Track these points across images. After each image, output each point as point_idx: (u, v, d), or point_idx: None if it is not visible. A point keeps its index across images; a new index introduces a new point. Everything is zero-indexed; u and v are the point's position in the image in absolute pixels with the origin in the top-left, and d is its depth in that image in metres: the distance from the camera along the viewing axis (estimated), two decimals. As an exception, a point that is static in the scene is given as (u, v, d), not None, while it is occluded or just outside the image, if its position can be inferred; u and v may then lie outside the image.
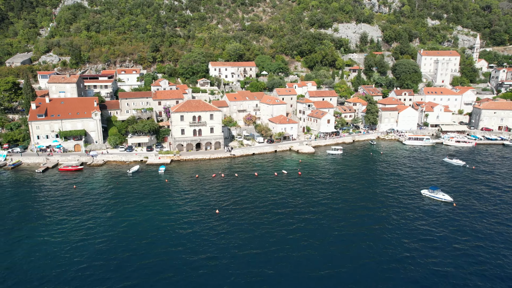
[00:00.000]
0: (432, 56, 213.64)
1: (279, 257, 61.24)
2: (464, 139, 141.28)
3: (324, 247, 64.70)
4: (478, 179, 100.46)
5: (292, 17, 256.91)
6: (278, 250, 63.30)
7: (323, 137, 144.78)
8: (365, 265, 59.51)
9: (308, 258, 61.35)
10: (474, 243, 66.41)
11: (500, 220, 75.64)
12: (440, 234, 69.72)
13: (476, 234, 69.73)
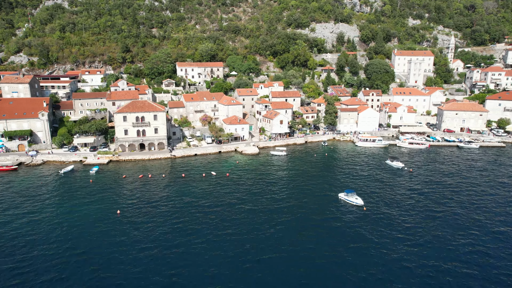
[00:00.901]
0: (406, 56, 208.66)
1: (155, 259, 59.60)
2: (417, 141, 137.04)
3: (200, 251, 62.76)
4: (406, 182, 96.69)
5: (270, 17, 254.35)
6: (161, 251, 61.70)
7: (275, 138, 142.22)
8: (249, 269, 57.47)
9: (198, 258, 59.51)
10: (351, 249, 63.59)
11: (400, 228, 72.25)
12: (331, 239, 67.07)
13: (370, 238, 66.83)
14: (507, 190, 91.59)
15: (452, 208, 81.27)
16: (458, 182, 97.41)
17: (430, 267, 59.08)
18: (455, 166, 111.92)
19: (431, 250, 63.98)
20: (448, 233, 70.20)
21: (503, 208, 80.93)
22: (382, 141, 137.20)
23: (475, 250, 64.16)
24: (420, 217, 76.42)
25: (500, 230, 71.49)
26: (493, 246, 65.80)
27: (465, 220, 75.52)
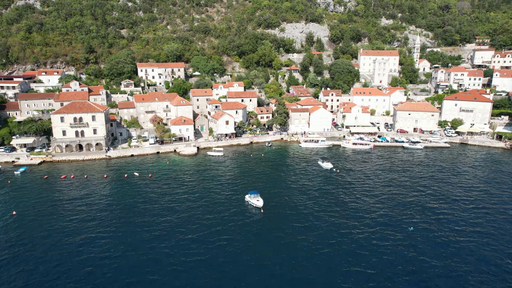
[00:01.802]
0: (371, 56, 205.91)
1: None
2: (361, 142, 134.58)
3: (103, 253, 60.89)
4: (324, 184, 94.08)
5: (242, 17, 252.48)
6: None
7: (220, 138, 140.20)
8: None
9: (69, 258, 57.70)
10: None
11: (289, 230, 69.96)
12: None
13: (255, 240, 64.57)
14: (417, 190, 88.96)
15: (349, 209, 78.88)
16: (376, 183, 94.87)
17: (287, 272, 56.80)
18: (384, 167, 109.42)
19: (299, 251, 61.75)
20: (333, 234, 67.92)
21: (405, 208, 78.56)
22: (325, 141, 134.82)
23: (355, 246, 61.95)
24: (313, 220, 74.10)
25: (399, 227, 69.22)
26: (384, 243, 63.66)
27: (351, 220, 73.15)
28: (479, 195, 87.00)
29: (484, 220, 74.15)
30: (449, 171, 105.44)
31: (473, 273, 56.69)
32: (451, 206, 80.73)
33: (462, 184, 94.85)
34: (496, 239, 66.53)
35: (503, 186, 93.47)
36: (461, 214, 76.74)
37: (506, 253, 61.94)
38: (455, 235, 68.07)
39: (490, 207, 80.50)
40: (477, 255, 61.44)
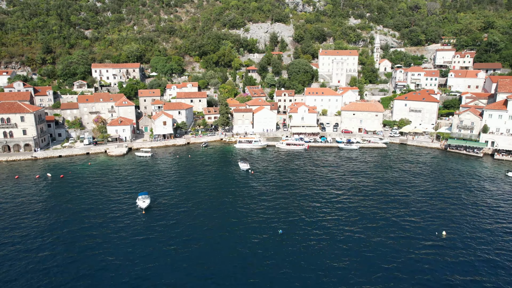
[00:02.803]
0: (330, 56, 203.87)
1: None
2: (295, 142, 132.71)
3: None
4: (226, 185, 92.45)
5: (208, 18, 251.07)
6: None
7: (157, 139, 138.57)
8: None
9: None
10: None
11: (172, 231, 68.28)
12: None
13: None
14: (312, 189, 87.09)
15: (237, 209, 77.30)
16: (289, 183, 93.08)
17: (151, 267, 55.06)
18: (301, 167, 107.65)
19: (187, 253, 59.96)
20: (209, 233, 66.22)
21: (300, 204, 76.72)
22: (259, 142, 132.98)
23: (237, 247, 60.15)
24: (198, 219, 72.55)
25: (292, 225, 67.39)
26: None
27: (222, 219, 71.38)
28: (368, 195, 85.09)
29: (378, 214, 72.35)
30: (362, 171, 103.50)
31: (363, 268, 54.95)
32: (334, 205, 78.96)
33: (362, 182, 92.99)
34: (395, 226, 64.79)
35: (400, 185, 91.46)
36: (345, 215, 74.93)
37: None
38: (340, 233, 66.29)
39: (376, 204, 78.65)
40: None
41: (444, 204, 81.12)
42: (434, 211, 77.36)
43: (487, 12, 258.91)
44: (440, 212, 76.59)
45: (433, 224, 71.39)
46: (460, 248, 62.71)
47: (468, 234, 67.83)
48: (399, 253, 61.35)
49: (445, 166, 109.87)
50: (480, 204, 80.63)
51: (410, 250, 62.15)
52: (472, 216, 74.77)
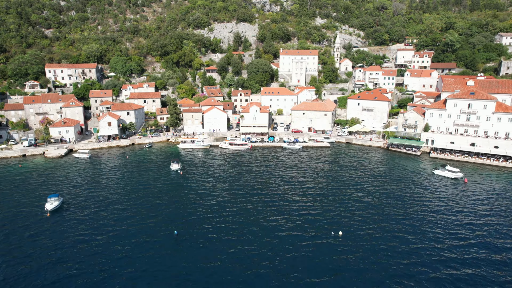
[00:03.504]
0: (291, 56, 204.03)
1: None
2: (238, 142, 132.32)
3: None
4: (154, 185, 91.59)
5: (174, 17, 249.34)
6: None
7: (101, 140, 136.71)
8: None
9: None
10: None
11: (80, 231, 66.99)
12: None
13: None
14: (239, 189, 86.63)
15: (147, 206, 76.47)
16: (214, 183, 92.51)
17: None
18: (236, 166, 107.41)
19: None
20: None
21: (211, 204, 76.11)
22: (202, 142, 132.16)
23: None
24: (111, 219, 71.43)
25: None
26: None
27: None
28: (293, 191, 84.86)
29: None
30: (290, 168, 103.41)
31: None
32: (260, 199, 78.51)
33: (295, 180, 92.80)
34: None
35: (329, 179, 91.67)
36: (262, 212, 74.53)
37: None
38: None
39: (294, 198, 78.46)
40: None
41: (337, 202, 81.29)
42: (329, 210, 77.20)
43: (450, 13, 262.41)
44: (333, 212, 76.53)
45: (330, 224, 71.11)
46: (354, 247, 62.63)
47: (361, 233, 67.84)
48: (291, 248, 60.98)
49: (376, 164, 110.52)
50: (384, 203, 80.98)
51: (310, 249, 61.81)
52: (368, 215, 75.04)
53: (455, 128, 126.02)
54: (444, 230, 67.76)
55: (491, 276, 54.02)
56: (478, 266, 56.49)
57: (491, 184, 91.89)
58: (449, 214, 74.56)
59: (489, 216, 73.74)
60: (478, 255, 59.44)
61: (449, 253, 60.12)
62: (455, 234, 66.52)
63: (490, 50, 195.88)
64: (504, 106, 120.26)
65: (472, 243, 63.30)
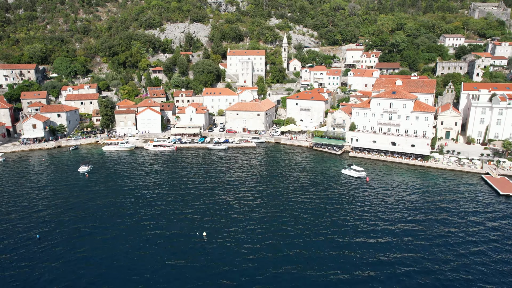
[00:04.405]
0: (238, 56, 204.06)
1: None
2: (162, 144, 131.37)
3: None
4: (51, 188, 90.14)
5: (126, 17, 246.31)
6: None
7: (25, 142, 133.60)
8: None
9: None
10: None
11: None
12: None
13: None
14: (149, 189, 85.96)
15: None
16: (120, 184, 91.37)
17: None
18: (150, 168, 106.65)
19: None
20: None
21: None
22: (126, 144, 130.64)
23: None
24: None
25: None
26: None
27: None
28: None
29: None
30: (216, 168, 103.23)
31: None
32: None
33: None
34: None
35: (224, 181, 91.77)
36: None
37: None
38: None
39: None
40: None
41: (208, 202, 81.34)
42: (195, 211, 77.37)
43: (403, 14, 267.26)
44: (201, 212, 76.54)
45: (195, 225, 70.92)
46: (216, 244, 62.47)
47: (225, 233, 67.97)
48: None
49: (291, 163, 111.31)
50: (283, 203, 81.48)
51: (172, 251, 61.46)
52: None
53: (379, 127, 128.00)
54: (331, 230, 68.59)
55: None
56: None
57: (391, 183, 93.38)
58: (332, 209, 75.49)
59: (366, 212, 75.03)
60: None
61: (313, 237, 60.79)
62: (338, 228, 67.38)
63: (432, 51, 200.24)
64: (422, 105, 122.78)
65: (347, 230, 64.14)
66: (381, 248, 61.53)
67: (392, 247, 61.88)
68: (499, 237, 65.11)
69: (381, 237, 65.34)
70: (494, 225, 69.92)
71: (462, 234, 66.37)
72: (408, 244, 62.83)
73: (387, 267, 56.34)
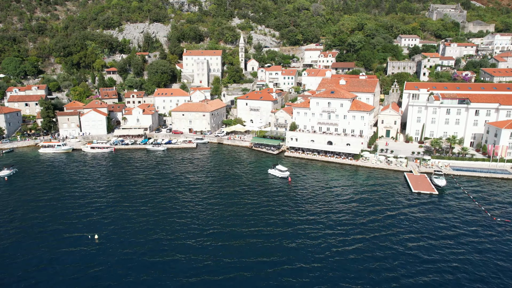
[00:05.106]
0: (194, 56, 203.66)
1: None
2: (100, 145, 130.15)
3: None
4: None
5: (85, 17, 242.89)
6: None
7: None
8: None
9: None
10: None
11: None
12: None
13: None
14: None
15: None
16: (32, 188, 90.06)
17: None
18: (77, 169, 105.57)
19: None
20: None
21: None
22: (63, 146, 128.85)
23: None
24: None
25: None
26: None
27: None
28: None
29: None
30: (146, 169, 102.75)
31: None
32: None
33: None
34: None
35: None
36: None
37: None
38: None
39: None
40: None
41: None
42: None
43: (365, 15, 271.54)
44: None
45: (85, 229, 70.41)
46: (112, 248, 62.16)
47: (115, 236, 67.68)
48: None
49: (225, 163, 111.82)
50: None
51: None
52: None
53: (319, 126, 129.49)
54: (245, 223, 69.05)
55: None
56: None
57: (313, 182, 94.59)
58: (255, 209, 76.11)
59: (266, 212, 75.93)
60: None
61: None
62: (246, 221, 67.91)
63: (387, 51, 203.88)
64: (359, 104, 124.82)
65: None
66: (272, 248, 62.22)
67: (283, 244, 62.64)
68: (394, 230, 66.82)
69: (274, 235, 66.07)
70: (390, 222, 71.66)
71: (358, 229, 67.78)
72: (304, 238, 63.64)
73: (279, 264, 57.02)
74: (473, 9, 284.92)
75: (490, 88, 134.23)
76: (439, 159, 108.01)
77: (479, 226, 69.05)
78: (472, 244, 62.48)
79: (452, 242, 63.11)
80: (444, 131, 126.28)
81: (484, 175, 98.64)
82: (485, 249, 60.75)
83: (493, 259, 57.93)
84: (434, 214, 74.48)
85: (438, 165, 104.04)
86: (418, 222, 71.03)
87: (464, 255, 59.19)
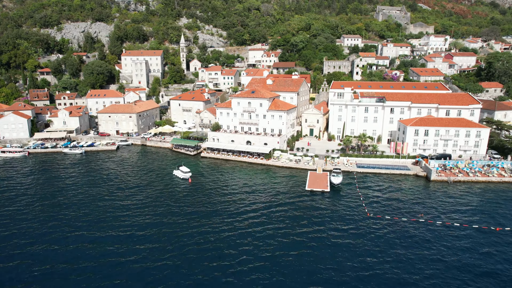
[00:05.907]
0: (132, 57, 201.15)
1: None
2: (10, 149, 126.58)
3: None
4: None
5: (21, 14, 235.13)
6: None
7: None
8: None
9: None
10: None
11: None
12: None
13: None
14: None
15: None
16: None
17: None
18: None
19: None
20: None
21: None
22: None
23: None
24: None
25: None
26: None
27: None
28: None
29: None
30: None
31: None
32: None
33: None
34: None
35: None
36: None
37: None
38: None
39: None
40: None
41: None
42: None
43: (314, 15, 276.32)
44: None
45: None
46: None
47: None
48: None
49: (137, 165, 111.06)
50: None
51: None
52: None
53: (241, 126, 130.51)
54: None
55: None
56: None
57: (212, 183, 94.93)
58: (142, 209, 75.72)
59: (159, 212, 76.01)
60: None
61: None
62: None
63: (328, 51, 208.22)
64: (278, 103, 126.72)
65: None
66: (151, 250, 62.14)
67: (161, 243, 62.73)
68: (263, 227, 68.19)
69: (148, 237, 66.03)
70: (264, 219, 73.12)
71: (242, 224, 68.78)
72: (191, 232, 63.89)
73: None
74: (419, 11, 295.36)
75: (410, 87, 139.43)
76: (348, 156, 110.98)
77: (344, 221, 71.47)
78: (321, 239, 64.45)
79: (305, 239, 64.82)
80: (363, 129, 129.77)
81: (385, 171, 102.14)
82: (337, 244, 62.90)
83: (345, 257, 60.01)
84: (310, 212, 76.40)
85: (344, 163, 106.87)
86: (291, 218, 72.82)
87: (315, 250, 61.09)
